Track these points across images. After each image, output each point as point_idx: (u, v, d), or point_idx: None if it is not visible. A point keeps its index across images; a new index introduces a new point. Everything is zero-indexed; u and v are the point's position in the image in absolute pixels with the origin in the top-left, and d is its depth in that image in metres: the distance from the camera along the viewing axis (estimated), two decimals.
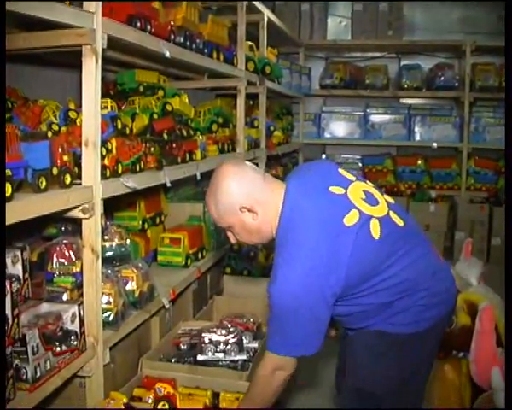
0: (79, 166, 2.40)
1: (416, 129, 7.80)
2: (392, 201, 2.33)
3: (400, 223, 2.23)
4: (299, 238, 2.09)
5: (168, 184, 3.13)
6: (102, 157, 2.51)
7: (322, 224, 2.08)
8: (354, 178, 2.29)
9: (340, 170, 2.34)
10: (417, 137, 7.80)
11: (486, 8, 7.76)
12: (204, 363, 3.08)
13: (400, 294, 2.17)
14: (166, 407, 2.61)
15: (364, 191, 2.23)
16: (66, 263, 2.62)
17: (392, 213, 2.23)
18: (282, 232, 2.15)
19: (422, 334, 2.23)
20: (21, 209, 1.96)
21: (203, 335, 3.16)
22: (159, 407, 2.62)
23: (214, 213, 2.26)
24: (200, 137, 3.79)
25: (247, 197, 2.20)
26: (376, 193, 2.27)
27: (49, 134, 2.37)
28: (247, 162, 2.33)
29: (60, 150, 2.26)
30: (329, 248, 2.05)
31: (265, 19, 5.28)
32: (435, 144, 7.49)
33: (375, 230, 2.13)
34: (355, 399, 2.33)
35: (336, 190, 2.18)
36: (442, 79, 7.56)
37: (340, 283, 2.06)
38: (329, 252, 2.05)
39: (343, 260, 2.05)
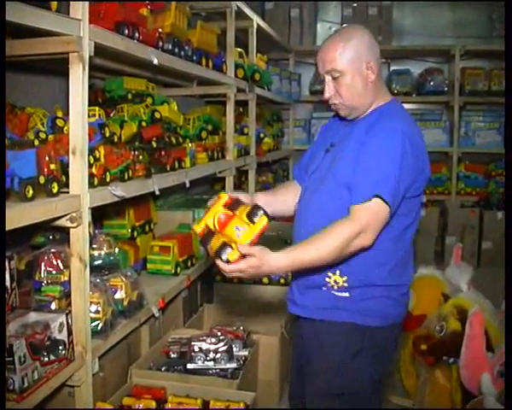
0: (67, 174, 2.39)
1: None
2: None
3: None
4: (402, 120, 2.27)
5: (157, 193, 3.11)
6: (90, 165, 2.50)
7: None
8: None
9: None
10: None
11: (476, 11, 7.82)
12: (194, 371, 3.07)
13: (403, 254, 2.31)
14: None
15: None
16: (54, 272, 2.61)
17: None
18: (380, 115, 2.28)
19: (390, 329, 2.33)
20: (8, 218, 1.94)
21: (193, 343, 3.15)
22: None
23: (337, 54, 2.23)
24: (190, 144, 3.78)
25: (376, 59, 2.28)
26: None
27: (36, 142, 2.36)
28: None
29: (47, 159, 2.25)
30: (421, 153, 2.27)
31: (255, 25, 5.27)
32: None
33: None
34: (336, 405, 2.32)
35: None
36: (432, 83, 7.60)
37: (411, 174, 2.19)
38: (415, 153, 2.21)
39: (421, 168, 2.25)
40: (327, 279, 2.27)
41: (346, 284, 2.26)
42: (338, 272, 2.25)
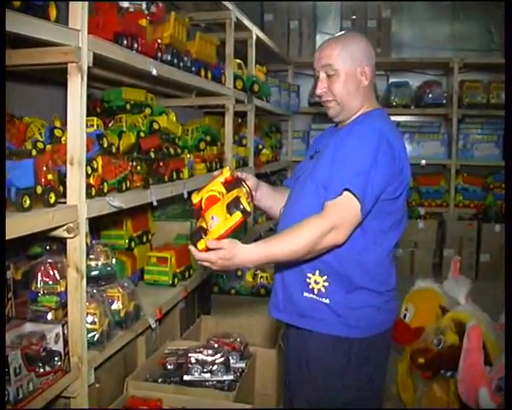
0: (64, 184, 2.38)
1: (405, 146, 7.81)
2: None
3: None
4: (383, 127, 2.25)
5: (154, 203, 3.11)
6: (88, 176, 2.49)
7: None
8: None
9: None
10: None
11: (474, 24, 7.87)
12: (190, 383, 3.06)
13: (384, 259, 2.30)
14: None
15: None
16: (50, 282, 2.58)
17: None
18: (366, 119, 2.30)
19: (377, 338, 2.29)
20: None
21: (189, 355, 3.13)
22: None
23: (335, 52, 2.29)
24: (188, 155, 3.78)
25: (371, 66, 2.34)
26: None
27: (34, 152, 2.37)
28: None
29: (44, 169, 2.24)
30: (398, 155, 2.23)
31: (254, 36, 5.29)
32: (424, 161, 7.51)
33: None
34: None
35: None
36: (430, 96, 7.62)
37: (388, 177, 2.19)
38: (392, 154, 2.20)
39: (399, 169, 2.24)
40: (307, 280, 2.26)
41: (326, 284, 2.23)
42: (317, 272, 2.24)
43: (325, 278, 2.23)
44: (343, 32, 2.49)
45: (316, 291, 2.25)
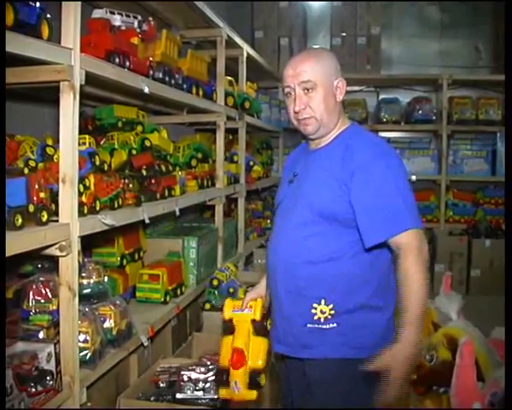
0: (56, 202, 2.38)
1: None
2: None
3: None
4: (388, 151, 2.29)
5: (146, 221, 3.11)
6: (80, 194, 2.49)
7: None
8: None
9: None
10: None
11: (462, 42, 7.94)
12: (183, 401, 3.04)
13: (384, 272, 2.32)
14: None
15: None
16: (42, 301, 2.58)
17: None
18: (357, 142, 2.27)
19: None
20: None
21: (182, 372, 3.12)
22: None
23: (312, 67, 2.26)
24: (180, 172, 3.79)
25: (342, 82, 2.34)
26: None
27: (26, 171, 2.35)
28: None
29: (36, 187, 2.24)
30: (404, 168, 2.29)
31: (245, 54, 5.32)
32: (414, 177, 7.53)
33: None
34: None
35: None
36: (420, 112, 7.66)
37: None
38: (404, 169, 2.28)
39: None
40: (313, 311, 2.22)
41: (332, 312, 2.20)
42: (323, 302, 2.21)
43: (331, 306, 2.21)
44: (309, 48, 2.46)
45: (322, 320, 2.22)
